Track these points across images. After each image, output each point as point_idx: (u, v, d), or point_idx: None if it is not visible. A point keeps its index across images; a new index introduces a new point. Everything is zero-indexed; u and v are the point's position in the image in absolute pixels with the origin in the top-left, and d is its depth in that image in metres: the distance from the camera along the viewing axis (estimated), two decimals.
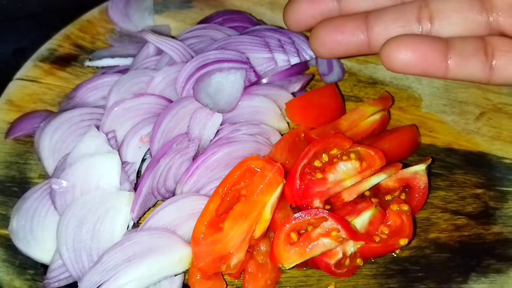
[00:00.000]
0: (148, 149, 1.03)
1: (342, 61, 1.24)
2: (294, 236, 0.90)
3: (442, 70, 0.88)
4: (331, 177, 0.96)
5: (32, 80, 1.16)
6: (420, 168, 0.99)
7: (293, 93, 1.13)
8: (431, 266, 0.98)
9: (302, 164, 0.95)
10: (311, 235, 0.90)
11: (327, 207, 0.96)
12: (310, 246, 0.90)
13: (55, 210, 0.95)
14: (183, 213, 0.95)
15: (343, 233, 0.90)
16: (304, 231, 0.92)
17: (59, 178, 0.95)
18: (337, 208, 0.97)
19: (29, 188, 0.99)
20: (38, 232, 0.94)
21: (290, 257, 0.89)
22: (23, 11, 1.45)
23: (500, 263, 0.98)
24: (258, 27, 1.22)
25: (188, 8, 1.32)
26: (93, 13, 1.29)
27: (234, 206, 0.91)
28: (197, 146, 1.01)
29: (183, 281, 0.93)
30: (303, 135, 1.06)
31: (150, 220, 0.93)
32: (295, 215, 0.91)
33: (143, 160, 1.04)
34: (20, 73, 1.17)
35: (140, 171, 1.04)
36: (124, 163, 0.99)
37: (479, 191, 1.07)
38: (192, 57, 1.11)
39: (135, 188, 0.98)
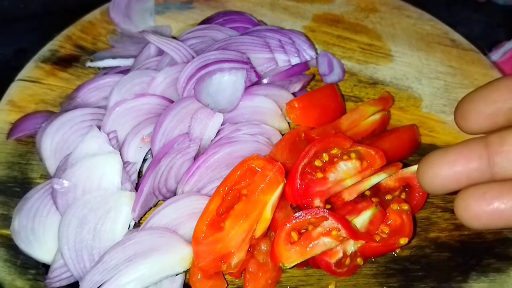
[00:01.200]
0: (149, 149, 1.03)
1: (343, 61, 1.25)
2: (294, 235, 0.90)
3: None
4: (331, 176, 0.96)
5: (33, 81, 1.16)
6: None
7: (293, 93, 1.13)
8: (431, 265, 0.98)
9: (303, 163, 0.95)
10: (311, 235, 0.90)
11: (328, 206, 0.97)
12: (310, 245, 0.90)
13: (57, 210, 0.95)
14: (184, 213, 0.95)
15: (343, 232, 0.90)
16: (304, 230, 0.92)
17: (61, 178, 0.95)
18: (338, 207, 0.97)
19: (30, 188, 0.99)
20: (39, 232, 0.94)
21: (291, 257, 0.89)
22: (24, 12, 1.46)
23: (500, 262, 0.98)
24: (258, 27, 1.22)
25: (189, 9, 1.33)
26: (94, 14, 1.30)
27: (235, 205, 0.91)
28: (198, 146, 1.01)
29: (184, 281, 0.94)
30: (303, 135, 1.06)
31: (151, 219, 0.94)
32: (296, 214, 0.91)
33: (144, 160, 1.05)
34: (21, 74, 1.17)
35: (141, 171, 1.04)
36: (125, 163, 1.00)
37: None
38: (193, 57, 1.11)
39: (136, 188, 0.99)
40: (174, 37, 1.19)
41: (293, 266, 0.91)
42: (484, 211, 0.79)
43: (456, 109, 0.85)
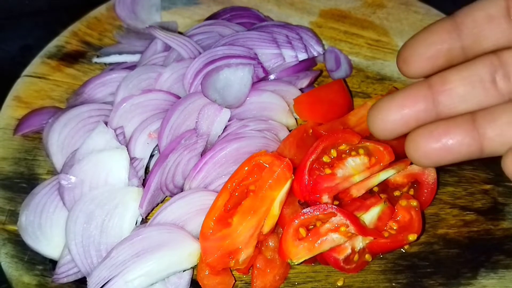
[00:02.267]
0: (157, 145, 1.03)
1: (350, 57, 1.24)
2: (302, 231, 0.90)
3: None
4: (339, 172, 0.95)
5: (40, 77, 1.16)
6: None
7: (301, 89, 1.13)
8: (440, 262, 0.98)
9: (311, 159, 0.95)
10: (319, 231, 0.90)
11: (336, 202, 0.96)
12: (318, 241, 0.90)
13: (64, 205, 0.95)
14: (191, 209, 0.95)
15: (352, 229, 0.90)
16: (312, 226, 0.91)
17: (68, 173, 0.95)
18: (346, 203, 0.97)
19: (37, 184, 0.99)
20: (46, 227, 0.94)
21: (299, 253, 0.89)
22: (30, 8, 1.46)
23: (509, 258, 0.98)
24: (265, 23, 1.22)
25: (195, 4, 1.32)
26: (100, 10, 1.29)
27: (243, 201, 0.91)
28: (205, 142, 1.01)
29: (192, 277, 0.93)
30: (311, 130, 1.06)
31: (159, 215, 0.93)
32: (304, 210, 0.90)
33: (152, 156, 1.04)
34: (28, 70, 1.17)
35: (149, 167, 1.04)
36: (132, 159, 0.99)
37: (488, 186, 1.07)
38: (200, 53, 1.11)
39: (144, 183, 0.99)
40: (180, 33, 1.19)
41: (301, 262, 0.90)
42: (433, 148, 0.80)
43: (398, 55, 0.86)
